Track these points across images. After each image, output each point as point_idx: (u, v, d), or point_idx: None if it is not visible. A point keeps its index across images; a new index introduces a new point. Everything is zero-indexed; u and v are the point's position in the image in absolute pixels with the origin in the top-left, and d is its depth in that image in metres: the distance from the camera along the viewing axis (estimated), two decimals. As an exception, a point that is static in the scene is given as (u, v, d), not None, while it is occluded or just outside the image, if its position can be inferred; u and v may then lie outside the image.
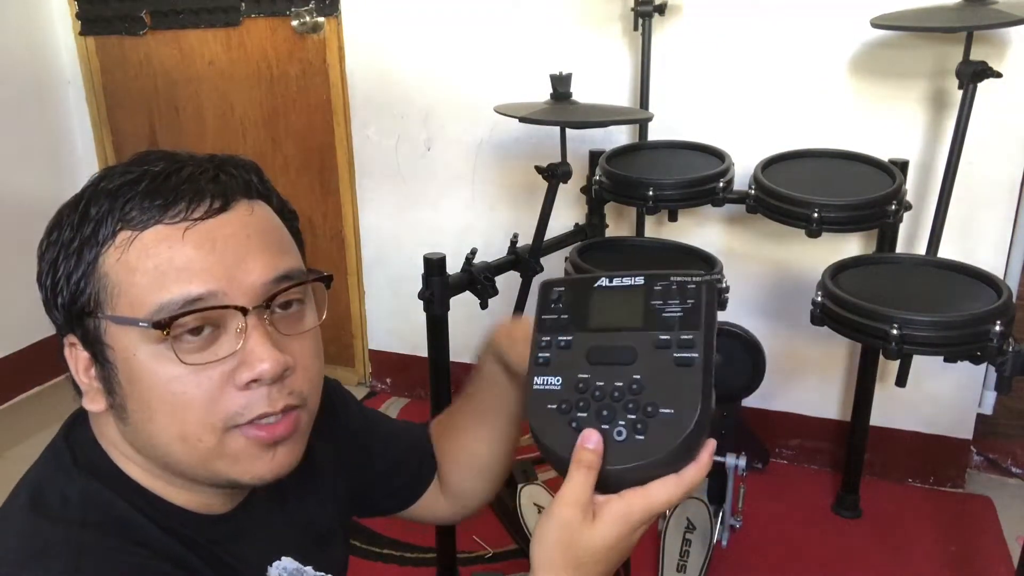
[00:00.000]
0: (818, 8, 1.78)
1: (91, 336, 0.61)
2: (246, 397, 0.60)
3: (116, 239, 0.59)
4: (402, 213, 2.36)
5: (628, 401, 0.59)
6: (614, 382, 0.60)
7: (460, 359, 2.19)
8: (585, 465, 0.57)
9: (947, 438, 1.99)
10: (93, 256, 0.59)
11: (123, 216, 0.59)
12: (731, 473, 1.70)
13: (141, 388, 0.60)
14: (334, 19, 2.24)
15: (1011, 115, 1.71)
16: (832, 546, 1.82)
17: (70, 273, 0.60)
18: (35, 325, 2.62)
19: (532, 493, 1.88)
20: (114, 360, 0.60)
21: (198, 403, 0.59)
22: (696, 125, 1.91)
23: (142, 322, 0.58)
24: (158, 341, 0.58)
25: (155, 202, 0.59)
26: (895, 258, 1.62)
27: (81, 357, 0.63)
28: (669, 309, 0.62)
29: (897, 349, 1.25)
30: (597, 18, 1.97)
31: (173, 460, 0.62)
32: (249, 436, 0.61)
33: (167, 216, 0.59)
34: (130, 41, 2.54)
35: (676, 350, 0.60)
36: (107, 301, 0.59)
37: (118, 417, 0.62)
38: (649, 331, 0.61)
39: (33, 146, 2.61)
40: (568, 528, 0.57)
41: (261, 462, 0.63)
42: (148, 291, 0.58)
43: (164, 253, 0.58)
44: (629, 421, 0.58)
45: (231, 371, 0.59)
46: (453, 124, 2.21)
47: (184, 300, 0.58)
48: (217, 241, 0.60)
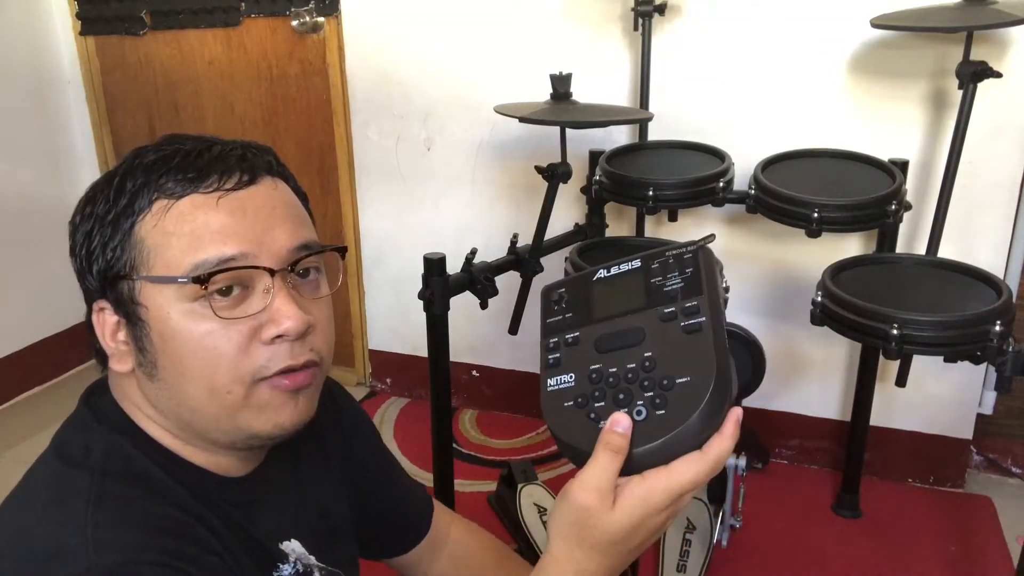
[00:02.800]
0: (818, 8, 1.78)
1: (124, 298, 0.66)
2: (271, 351, 0.65)
3: (152, 208, 0.64)
4: (402, 213, 2.36)
5: (643, 380, 0.58)
6: (627, 365, 0.59)
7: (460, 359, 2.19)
8: (612, 449, 0.56)
9: (947, 438, 1.99)
10: (129, 225, 0.65)
11: (159, 187, 0.65)
12: (731, 473, 1.70)
13: (174, 344, 0.64)
14: (334, 19, 2.24)
15: (1011, 115, 1.71)
16: (832, 546, 1.82)
17: (106, 242, 0.65)
18: (35, 325, 2.63)
19: (532, 493, 1.88)
20: (147, 319, 0.65)
21: (228, 356, 0.64)
22: (696, 125, 1.91)
23: (181, 279, 0.63)
24: (193, 298, 0.63)
25: (189, 175, 0.65)
26: (895, 258, 1.62)
27: (109, 321, 0.67)
28: (669, 282, 0.62)
29: (897, 349, 1.25)
30: (597, 18, 1.97)
31: (199, 415, 0.66)
32: (274, 385, 0.66)
33: (201, 187, 0.65)
34: (130, 41, 2.54)
35: (682, 319, 0.59)
36: (143, 264, 0.64)
37: (146, 375, 0.67)
38: (653, 308, 0.61)
39: (33, 146, 2.61)
40: (585, 512, 0.57)
41: (285, 410, 0.67)
42: (185, 252, 0.63)
43: (200, 218, 0.64)
44: (647, 399, 0.57)
45: (258, 327, 0.65)
46: (453, 124, 2.21)
47: (219, 259, 0.63)
48: (248, 209, 0.66)
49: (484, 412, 2.42)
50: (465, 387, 2.43)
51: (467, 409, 2.43)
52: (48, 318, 2.66)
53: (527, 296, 1.79)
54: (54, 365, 2.68)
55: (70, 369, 2.73)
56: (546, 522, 1.81)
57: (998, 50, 1.67)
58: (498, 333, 2.23)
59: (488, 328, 2.28)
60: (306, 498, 0.79)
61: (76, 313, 2.74)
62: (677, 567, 1.68)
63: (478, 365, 2.40)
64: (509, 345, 2.29)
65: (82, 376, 2.72)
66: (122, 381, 0.69)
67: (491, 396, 2.42)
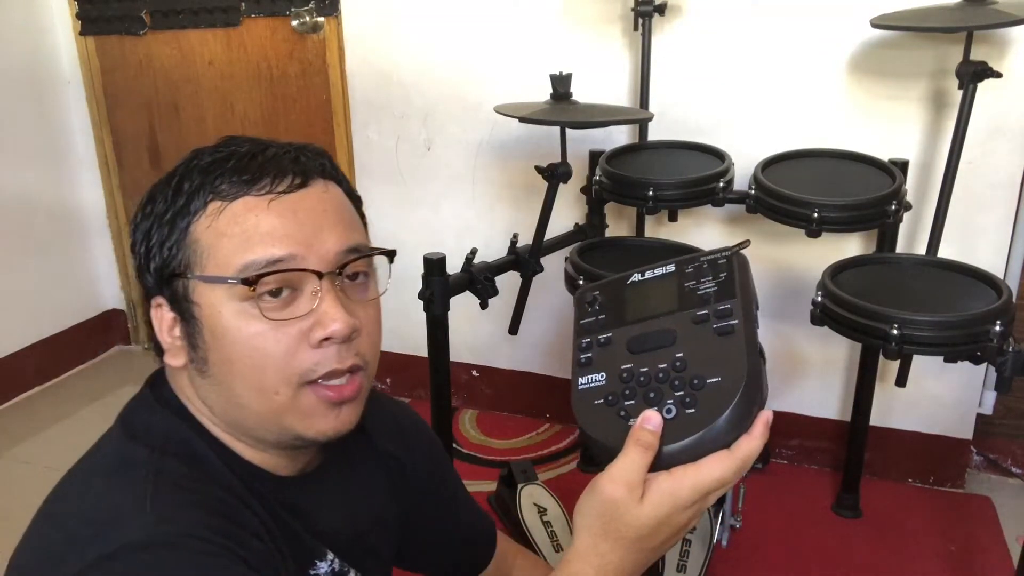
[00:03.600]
0: (818, 8, 1.78)
1: (179, 296, 0.67)
2: (319, 354, 0.67)
3: (207, 209, 0.66)
4: (402, 213, 2.36)
5: (674, 379, 0.59)
6: (658, 365, 0.60)
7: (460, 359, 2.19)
8: (642, 445, 0.57)
9: (947, 438, 1.99)
10: (185, 225, 0.67)
11: (214, 189, 0.66)
12: (731, 473, 1.70)
13: (225, 342, 0.66)
14: (334, 19, 2.24)
15: (1011, 115, 1.71)
16: (832, 546, 1.82)
17: (164, 240, 0.67)
18: (35, 325, 2.63)
19: (532, 493, 1.88)
20: (200, 317, 0.67)
21: (276, 357, 0.65)
22: (696, 125, 1.91)
23: (231, 279, 0.65)
24: (243, 298, 0.65)
25: (243, 177, 0.66)
26: (895, 258, 1.62)
27: (166, 317, 0.69)
28: (703, 286, 0.62)
29: (897, 349, 1.25)
30: (597, 18, 1.97)
31: (246, 413, 0.68)
32: (319, 395, 0.67)
33: (254, 189, 0.66)
34: (130, 41, 2.54)
35: (715, 322, 0.60)
36: (197, 263, 0.66)
37: (198, 371, 0.69)
38: (686, 310, 0.62)
39: (33, 146, 2.61)
40: (612, 504, 0.58)
41: (327, 419, 0.69)
42: (235, 252, 0.65)
43: (251, 220, 0.66)
44: (677, 398, 0.58)
45: (306, 330, 0.66)
46: (453, 124, 2.21)
47: (267, 260, 0.65)
48: (298, 212, 0.67)
49: (484, 412, 2.42)
50: (465, 387, 2.43)
51: (467, 409, 2.43)
52: (48, 318, 2.66)
53: (527, 296, 1.79)
54: (54, 365, 2.68)
55: (70, 369, 2.73)
56: (547, 522, 1.81)
57: (998, 50, 1.67)
58: (498, 333, 2.23)
59: (488, 328, 2.28)
60: (350, 514, 0.79)
61: (76, 313, 2.75)
62: (677, 567, 1.68)
63: (478, 365, 2.40)
64: (509, 345, 2.29)
65: (83, 376, 2.72)
66: (177, 374, 0.72)
67: (491, 396, 2.42)
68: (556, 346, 2.29)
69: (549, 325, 2.27)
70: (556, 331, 2.28)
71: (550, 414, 2.38)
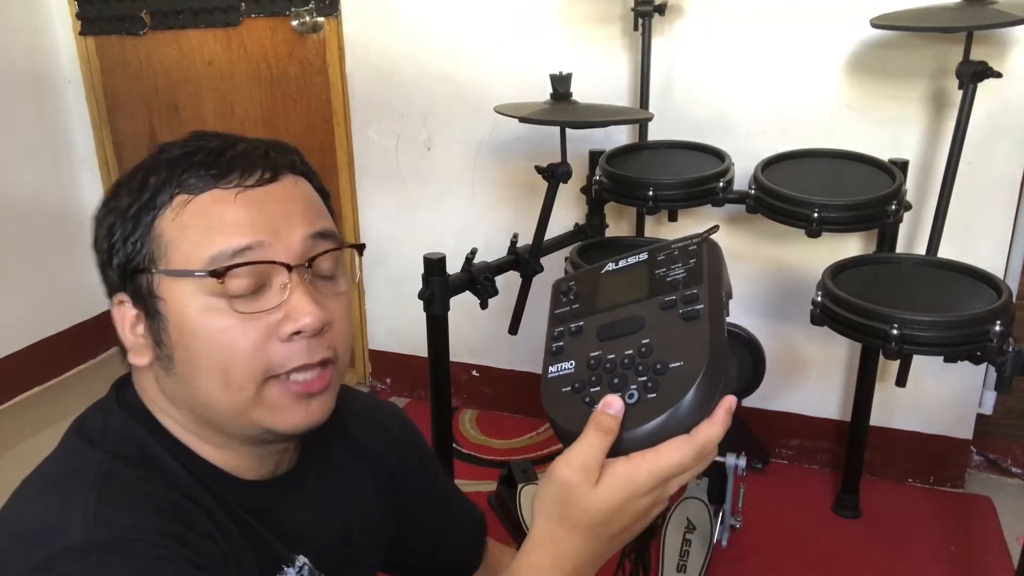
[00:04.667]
0: (818, 8, 1.78)
1: (143, 291, 0.66)
2: (288, 348, 0.65)
3: (173, 202, 0.65)
4: (402, 213, 2.36)
5: (638, 365, 0.58)
6: (624, 351, 0.60)
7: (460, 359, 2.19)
8: (602, 429, 0.56)
9: (947, 438, 1.99)
10: (150, 219, 0.65)
11: (180, 182, 0.65)
12: (731, 473, 1.70)
13: (190, 338, 0.64)
14: (334, 19, 2.24)
15: (1011, 115, 1.71)
16: (832, 546, 1.82)
17: (127, 235, 0.66)
18: (35, 325, 2.63)
19: (532, 493, 1.88)
20: (165, 312, 0.65)
21: (244, 352, 0.64)
22: (696, 125, 1.91)
23: (197, 272, 0.63)
24: (210, 292, 0.64)
25: (211, 171, 0.65)
26: (895, 258, 1.62)
27: (128, 314, 0.68)
28: (673, 272, 0.62)
29: (897, 349, 1.25)
30: (597, 18, 1.97)
31: (213, 409, 0.66)
32: (285, 388, 0.66)
33: (222, 182, 0.65)
34: (130, 41, 2.54)
35: (681, 307, 0.60)
36: (161, 257, 0.65)
37: (163, 368, 0.67)
38: (655, 296, 0.62)
39: (33, 146, 2.61)
40: (567, 488, 0.56)
41: (297, 412, 0.67)
42: (200, 244, 0.64)
43: (216, 211, 0.64)
44: (640, 383, 0.57)
45: (275, 324, 0.65)
46: (453, 124, 2.21)
47: (234, 250, 0.63)
48: (264, 203, 0.66)
49: (484, 412, 2.42)
50: (465, 387, 2.43)
51: (467, 409, 2.43)
52: (48, 318, 2.66)
53: (527, 296, 1.79)
54: (54, 365, 2.68)
55: (70, 369, 2.73)
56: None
57: (998, 50, 1.67)
58: (498, 333, 2.23)
59: (488, 328, 2.28)
60: (329, 519, 0.77)
61: (76, 313, 2.74)
62: (677, 567, 1.68)
63: (478, 365, 2.40)
64: (509, 345, 2.29)
65: (83, 376, 2.72)
66: (140, 375, 0.70)
67: (491, 396, 2.42)
68: (556, 346, 2.29)
69: (549, 325, 2.26)
70: (556, 331, 2.28)
71: (550, 414, 2.37)
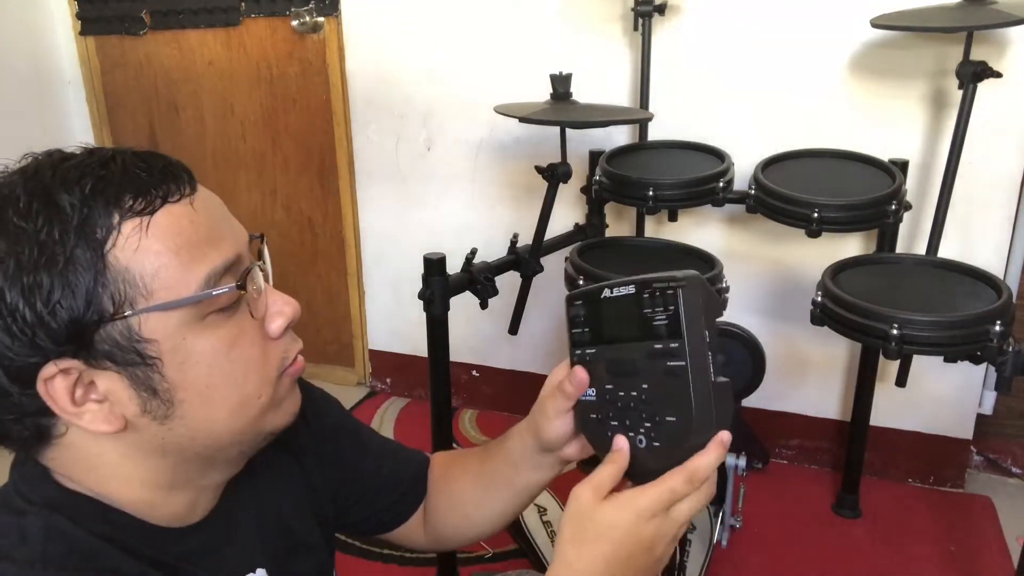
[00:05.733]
0: (818, 8, 1.78)
1: (114, 343, 0.56)
2: (283, 343, 0.65)
3: (122, 230, 0.55)
4: (402, 213, 2.36)
5: (641, 411, 0.64)
6: (630, 392, 0.65)
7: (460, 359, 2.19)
8: (616, 464, 0.64)
9: (947, 438, 1.99)
10: (96, 258, 0.54)
11: (120, 206, 0.56)
12: (731, 473, 1.70)
13: (198, 369, 0.59)
14: (334, 19, 2.24)
15: (1011, 115, 1.71)
16: (832, 546, 1.82)
17: (67, 287, 0.54)
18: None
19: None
20: (158, 353, 0.57)
21: (256, 361, 0.62)
22: (696, 125, 1.91)
23: (191, 298, 0.57)
24: (202, 315, 0.58)
25: (149, 189, 0.57)
26: (895, 258, 1.62)
27: (70, 382, 0.57)
28: (657, 317, 0.64)
29: (897, 349, 1.25)
30: (597, 18, 1.97)
31: (216, 439, 0.63)
32: (290, 375, 0.66)
33: (170, 196, 0.58)
34: (130, 41, 2.54)
35: (667, 359, 0.62)
36: (140, 295, 0.56)
37: (154, 419, 0.60)
38: (644, 341, 0.64)
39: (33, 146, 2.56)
40: (578, 504, 0.63)
41: (295, 396, 0.68)
42: (186, 267, 0.57)
43: (184, 228, 0.58)
44: (646, 430, 0.64)
45: (259, 325, 0.63)
46: (453, 124, 2.21)
47: (225, 265, 0.60)
48: (214, 209, 0.62)
49: (484, 412, 2.42)
50: (465, 387, 2.43)
51: (467, 409, 2.43)
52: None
53: (527, 296, 1.79)
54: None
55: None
56: (547, 522, 1.81)
57: (998, 50, 1.67)
58: (498, 333, 2.23)
59: (488, 328, 2.28)
60: (265, 520, 0.75)
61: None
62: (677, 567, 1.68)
63: (478, 365, 2.40)
64: (509, 345, 2.29)
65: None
66: (78, 444, 0.60)
67: (491, 396, 2.42)
68: (556, 346, 2.29)
69: (549, 325, 2.27)
70: (556, 331, 2.28)
71: (550, 414, 2.37)
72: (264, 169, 2.50)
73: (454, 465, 0.93)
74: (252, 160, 2.50)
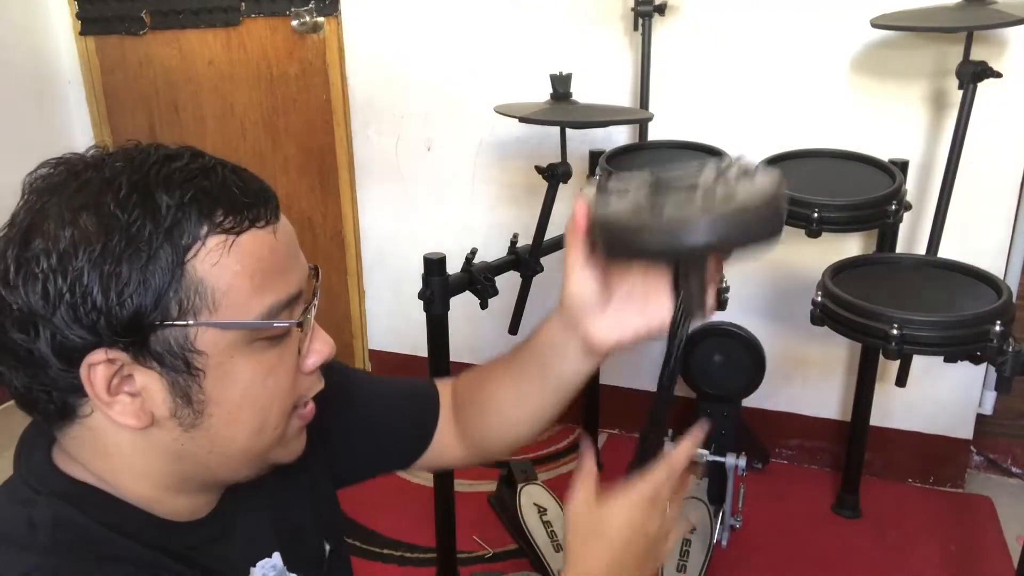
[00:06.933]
0: (818, 8, 1.78)
1: (165, 347, 0.57)
2: (309, 380, 0.67)
3: (207, 243, 0.57)
4: (402, 213, 2.36)
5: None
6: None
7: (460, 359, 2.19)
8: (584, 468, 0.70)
9: (947, 438, 1.99)
10: (178, 262, 0.56)
11: (211, 220, 0.57)
12: (731, 473, 1.70)
13: (233, 389, 0.60)
14: (334, 19, 2.24)
15: (1011, 115, 1.71)
16: (832, 546, 1.82)
17: (143, 282, 0.55)
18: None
19: (532, 493, 1.88)
20: (204, 366, 0.58)
21: (283, 392, 0.63)
22: (696, 125, 1.91)
23: (276, 323, 0.60)
24: (252, 340, 0.60)
25: (245, 210, 0.59)
26: (895, 258, 1.62)
27: (111, 373, 0.57)
28: None
29: (897, 349, 1.25)
30: (597, 18, 1.97)
31: (230, 458, 0.64)
32: (301, 417, 0.67)
33: (258, 221, 0.59)
34: (130, 41, 2.54)
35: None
36: (205, 307, 0.57)
37: (181, 425, 0.60)
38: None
39: (33, 146, 2.61)
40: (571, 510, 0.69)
41: (302, 438, 0.69)
42: (256, 293, 0.59)
43: (263, 254, 0.59)
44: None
45: (294, 358, 0.64)
46: (453, 124, 2.21)
47: (288, 298, 0.61)
48: (289, 240, 0.63)
49: (484, 412, 2.42)
50: (465, 387, 2.42)
51: (467, 409, 2.43)
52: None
53: (527, 296, 1.79)
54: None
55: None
56: (547, 522, 1.81)
57: (998, 50, 1.67)
58: (498, 333, 2.23)
59: (488, 328, 2.28)
60: (274, 509, 0.76)
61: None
62: (677, 567, 1.68)
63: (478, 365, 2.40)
64: (509, 345, 2.29)
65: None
66: (99, 429, 0.61)
67: (491, 396, 2.42)
68: (556, 346, 2.29)
69: (549, 325, 2.26)
70: (556, 331, 2.28)
71: (550, 414, 2.37)
72: (264, 169, 2.50)
73: (481, 374, 0.93)
74: (252, 160, 2.50)
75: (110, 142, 2.71)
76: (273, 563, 0.73)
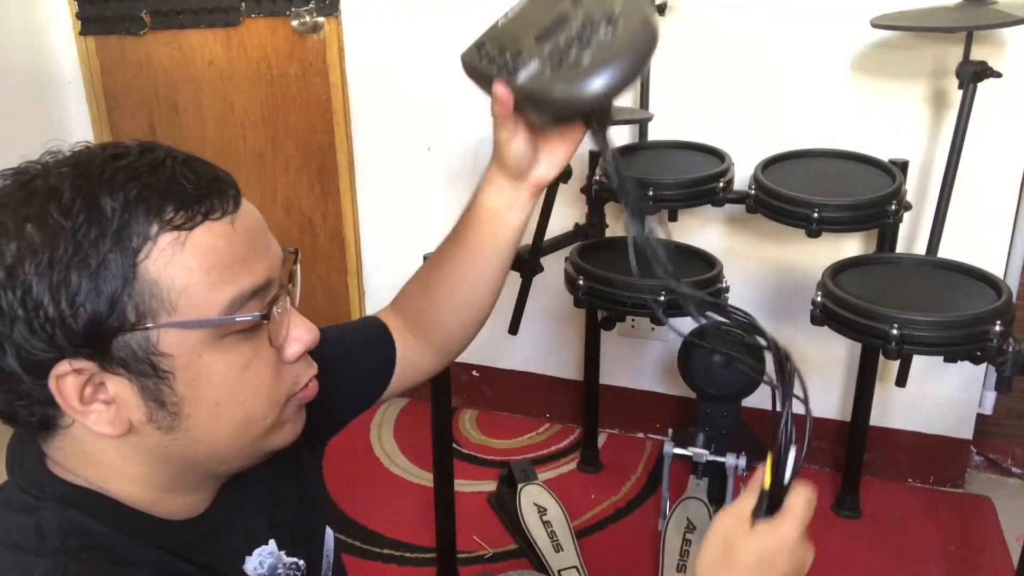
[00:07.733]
0: (818, 8, 1.78)
1: (130, 352, 0.56)
2: (296, 368, 0.65)
3: (159, 242, 0.55)
4: (402, 213, 2.36)
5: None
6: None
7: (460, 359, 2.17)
8: (752, 491, 0.71)
9: (947, 438, 1.99)
10: (129, 264, 0.54)
11: (160, 218, 0.55)
12: (731, 473, 1.70)
13: (207, 387, 0.59)
14: (334, 19, 2.24)
15: (1011, 115, 1.71)
16: (832, 546, 1.82)
17: (93, 289, 0.53)
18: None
19: (532, 493, 1.88)
20: (171, 368, 0.57)
21: (267, 384, 0.62)
22: (696, 125, 1.91)
23: (216, 319, 0.57)
24: (221, 336, 0.58)
25: (196, 203, 0.57)
26: (895, 258, 1.62)
27: (80, 382, 0.56)
28: None
29: (897, 349, 1.25)
30: (597, 18, 1.97)
31: (217, 454, 0.63)
32: (298, 399, 0.66)
33: (212, 213, 0.57)
34: (130, 41, 2.54)
35: None
36: (163, 308, 0.56)
37: (159, 428, 0.60)
38: None
39: (33, 146, 2.59)
40: (721, 527, 0.68)
41: (300, 419, 0.68)
42: (215, 288, 0.57)
43: (220, 248, 0.57)
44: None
45: (278, 348, 0.63)
46: (453, 124, 2.21)
47: (253, 289, 0.59)
48: (253, 228, 0.61)
49: (484, 412, 2.42)
50: (465, 387, 2.43)
51: (467, 409, 2.43)
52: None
53: (527, 296, 1.79)
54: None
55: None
56: (547, 522, 1.81)
57: (998, 50, 1.67)
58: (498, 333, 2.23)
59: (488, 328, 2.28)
60: (264, 496, 0.76)
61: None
62: (677, 567, 1.68)
63: (478, 365, 2.40)
64: (509, 345, 2.29)
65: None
66: (82, 438, 0.60)
67: (491, 396, 2.42)
68: (556, 346, 2.29)
69: (549, 325, 2.27)
70: (556, 331, 2.28)
71: (550, 414, 2.38)
72: (264, 169, 2.50)
73: (421, 279, 0.96)
74: (252, 160, 2.50)
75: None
76: (270, 550, 0.73)
